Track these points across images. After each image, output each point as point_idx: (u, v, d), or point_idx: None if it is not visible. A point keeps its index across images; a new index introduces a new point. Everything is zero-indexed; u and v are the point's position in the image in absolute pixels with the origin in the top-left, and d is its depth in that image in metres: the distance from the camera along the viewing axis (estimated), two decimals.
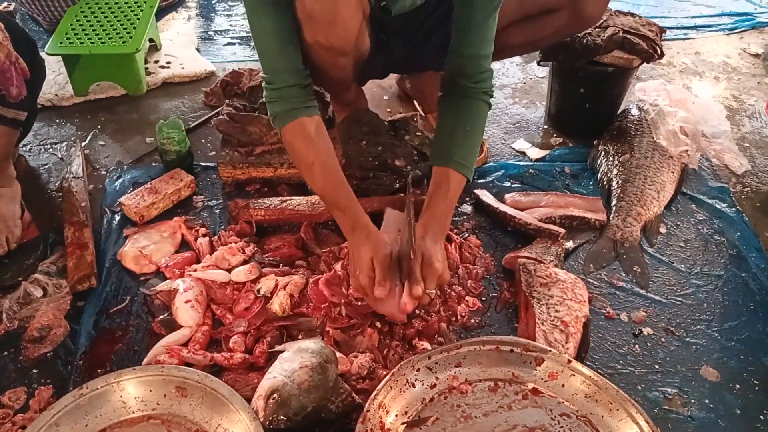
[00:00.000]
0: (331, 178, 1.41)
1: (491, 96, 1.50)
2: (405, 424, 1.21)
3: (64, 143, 1.99)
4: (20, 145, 1.92)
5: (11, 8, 2.60)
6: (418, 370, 1.28)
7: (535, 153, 2.00)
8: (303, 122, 1.41)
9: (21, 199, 1.66)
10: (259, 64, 1.47)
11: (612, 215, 1.73)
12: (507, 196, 1.79)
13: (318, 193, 1.50)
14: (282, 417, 1.15)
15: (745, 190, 1.89)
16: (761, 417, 1.32)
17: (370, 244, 1.35)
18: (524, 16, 1.65)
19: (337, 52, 1.42)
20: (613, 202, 1.76)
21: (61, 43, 2.09)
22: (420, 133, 1.79)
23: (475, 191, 1.79)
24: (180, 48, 2.46)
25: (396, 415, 1.22)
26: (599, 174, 1.88)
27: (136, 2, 2.30)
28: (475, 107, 1.49)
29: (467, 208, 1.78)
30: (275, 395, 1.16)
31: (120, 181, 1.84)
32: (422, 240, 1.36)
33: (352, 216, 1.40)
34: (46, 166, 1.91)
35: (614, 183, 1.81)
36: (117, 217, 1.71)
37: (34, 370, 1.36)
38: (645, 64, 1.90)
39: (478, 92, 1.48)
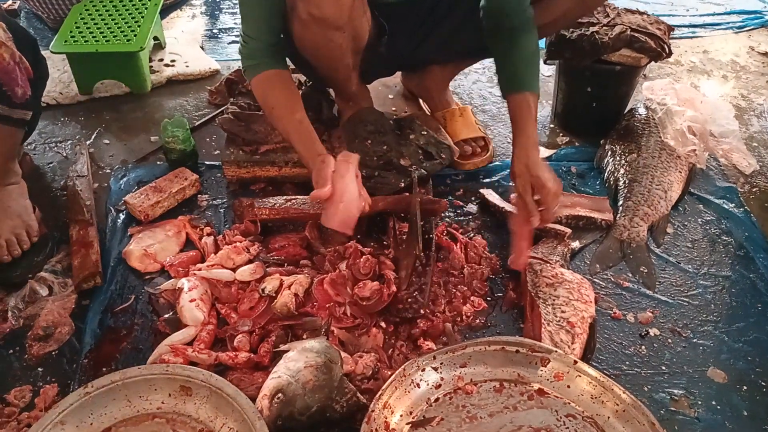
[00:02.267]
0: (290, 116, 1.53)
1: (536, 34, 1.56)
2: (410, 425, 1.21)
3: (69, 142, 2.00)
4: (25, 144, 1.93)
5: (15, 6, 2.61)
6: (423, 370, 1.27)
7: (541, 152, 1.97)
8: (271, 73, 1.55)
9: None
10: (240, 22, 1.57)
11: (619, 215, 1.72)
12: (512, 195, 1.78)
13: (281, 133, 1.60)
14: (286, 416, 1.15)
15: (754, 190, 1.88)
16: None
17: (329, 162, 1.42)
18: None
19: (330, 24, 1.42)
20: (620, 202, 1.76)
21: (65, 41, 2.09)
22: (425, 132, 1.79)
23: (481, 191, 1.78)
24: (184, 46, 2.46)
25: (401, 416, 1.22)
26: (606, 173, 1.87)
27: (140, 0, 2.30)
28: (526, 39, 1.54)
29: (472, 207, 1.77)
30: (280, 395, 1.16)
31: (125, 179, 1.84)
32: (527, 165, 1.46)
33: (312, 146, 1.49)
34: (51, 165, 1.91)
35: (621, 182, 1.80)
36: (122, 216, 1.71)
37: (40, 369, 1.36)
38: (653, 62, 1.89)
39: (524, 26, 1.53)
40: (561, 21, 1.74)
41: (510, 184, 1.85)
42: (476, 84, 2.31)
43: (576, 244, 1.65)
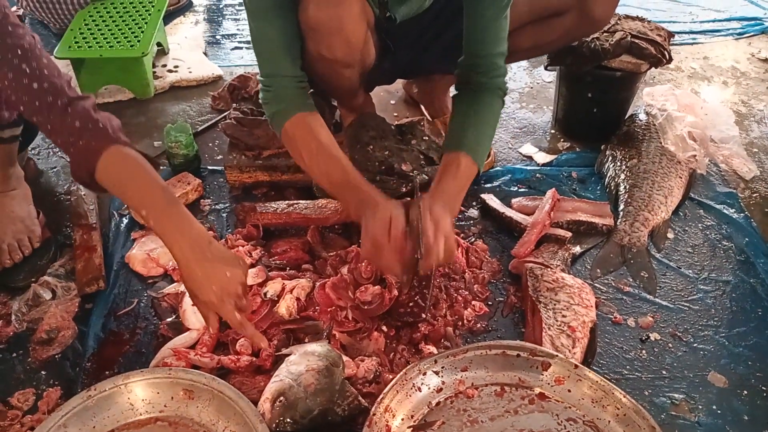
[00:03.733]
0: (336, 159, 1.39)
1: (505, 93, 1.50)
2: (411, 428, 1.21)
3: None
4: (29, 149, 1.93)
5: (20, 13, 2.62)
6: (425, 374, 1.28)
7: (542, 157, 2.00)
8: (304, 116, 1.42)
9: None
10: (257, 66, 1.48)
11: (619, 220, 1.73)
12: (514, 200, 1.79)
13: (323, 178, 1.44)
14: (288, 420, 1.15)
15: (754, 195, 1.89)
16: None
17: (384, 209, 1.29)
18: (533, 19, 1.66)
19: (341, 64, 1.42)
20: (621, 207, 1.76)
21: (69, 46, 2.10)
22: (427, 138, 1.80)
23: (482, 196, 1.79)
24: (187, 52, 2.47)
25: (402, 419, 1.22)
26: (606, 179, 1.88)
27: (144, 6, 2.32)
28: (488, 100, 1.48)
29: (474, 212, 1.78)
30: (282, 398, 1.16)
31: None
32: (430, 209, 1.29)
33: (362, 191, 1.35)
34: (55, 169, 1.92)
35: (622, 188, 1.80)
36: (125, 220, 1.72)
37: (43, 372, 1.37)
38: (653, 68, 1.90)
39: (491, 87, 1.47)
40: (560, 41, 1.75)
41: (511, 188, 1.86)
42: None
43: (577, 249, 1.66)
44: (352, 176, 1.38)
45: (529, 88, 2.35)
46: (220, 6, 2.88)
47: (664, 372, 1.39)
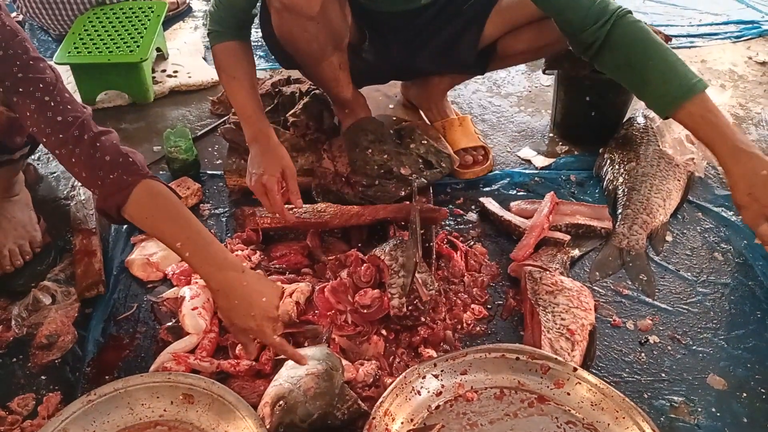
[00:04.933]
0: (246, 91, 1.56)
1: (629, 11, 1.40)
2: None
3: None
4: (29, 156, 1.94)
5: (20, 19, 2.63)
6: (424, 377, 1.28)
7: (540, 161, 2.00)
8: (235, 44, 1.58)
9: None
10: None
11: (618, 223, 1.73)
12: (512, 204, 1.79)
13: (234, 105, 1.62)
14: (288, 423, 1.15)
15: None
16: None
17: (278, 154, 1.51)
18: (527, 22, 1.66)
19: (301, 13, 1.44)
20: (619, 210, 1.76)
21: (69, 52, 2.11)
22: (425, 141, 1.80)
23: (481, 199, 1.80)
24: (187, 57, 2.48)
25: (402, 423, 1.22)
26: (605, 182, 1.88)
27: (143, 12, 2.33)
28: (632, 32, 1.39)
29: (472, 216, 1.78)
30: (281, 402, 1.16)
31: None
32: (744, 172, 1.27)
33: (261, 127, 1.54)
34: (55, 175, 1.92)
35: (620, 191, 1.81)
36: (125, 226, 1.72)
37: (43, 377, 1.37)
38: None
39: (617, 25, 1.39)
40: (556, 44, 1.71)
41: (510, 192, 1.86)
42: (476, 94, 2.33)
43: (575, 252, 1.66)
44: (255, 111, 1.56)
45: (527, 91, 2.36)
46: None
47: (663, 375, 1.40)
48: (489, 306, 1.54)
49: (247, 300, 1.20)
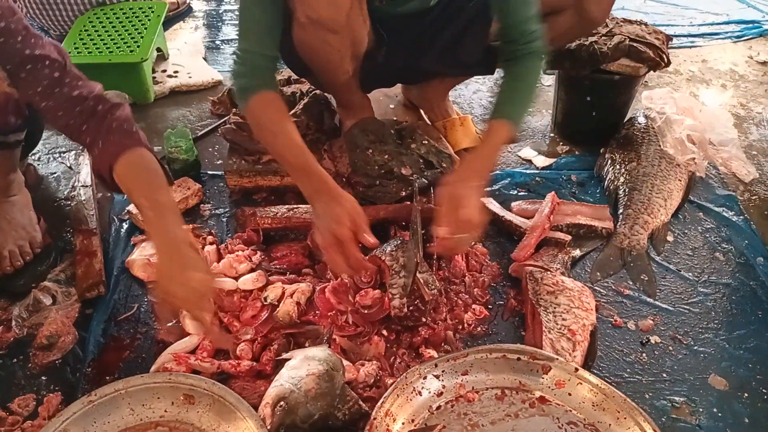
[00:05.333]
0: (297, 144, 1.45)
1: (542, 54, 1.52)
2: None
3: (73, 152, 2.01)
4: (30, 154, 1.94)
5: None
6: (425, 378, 1.28)
7: (541, 161, 2.00)
8: (271, 95, 1.49)
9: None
10: (237, 40, 1.54)
11: (619, 223, 1.73)
12: (513, 204, 1.79)
13: (282, 159, 1.52)
14: (289, 424, 1.15)
15: (753, 198, 1.89)
16: None
17: (345, 202, 1.37)
18: None
19: (327, 27, 1.44)
20: (620, 210, 1.76)
21: (69, 52, 2.09)
22: (426, 142, 1.80)
23: (481, 199, 1.79)
24: (187, 57, 2.48)
25: (403, 423, 1.22)
26: (606, 182, 1.88)
27: (143, 12, 2.33)
28: (524, 65, 1.52)
29: None
30: (282, 403, 1.16)
31: None
32: (450, 184, 1.38)
33: (320, 178, 1.42)
34: (55, 175, 1.92)
35: (621, 191, 1.81)
36: (125, 225, 1.72)
37: (43, 378, 1.37)
38: (651, 72, 1.91)
39: (526, 52, 1.50)
40: (557, 41, 1.74)
41: (511, 192, 1.86)
42: (477, 94, 2.33)
43: (577, 252, 1.66)
44: (310, 162, 1.44)
45: None
46: (220, 11, 2.89)
47: (664, 375, 1.40)
48: (490, 306, 1.54)
49: (184, 268, 1.22)
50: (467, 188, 1.38)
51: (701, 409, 1.33)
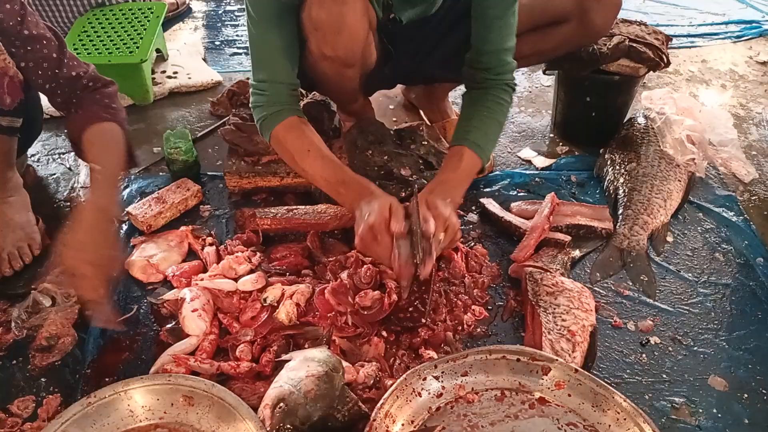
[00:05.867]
0: (330, 159, 1.45)
1: (513, 88, 1.52)
2: None
3: (72, 153, 2.00)
4: (29, 156, 1.94)
5: None
6: (425, 379, 1.28)
7: (541, 161, 2.00)
8: (295, 120, 1.47)
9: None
10: (252, 70, 1.51)
11: (618, 224, 1.73)
12: (513, 204, 1.79)
13: (317, 178, 1.49)
14: (288, 426, 1.15)
15: (753, 198, 1.89)
16: None
17: (384, 196, 1.35)
18: (533, 27, 1.66)
19: (343, 63, 1.43)
20: (620, 211, 1.76)
21: None
22: (426, 143, 1.80)
23: (481, 200, 1.79)
24: (187, 58, 2.48)
25: (402, 425, 1.22)
26: (605, 182, 1.88)
27: (143, 13, 2.33)
28: (494, 96, 1.51)
29: (473, 217, 1.78)
30: (282, 404, 1.16)
31: (127, 190, 1.85)
32: (426, 199, 1.35)
33: (360, 184, 1.41)
34: (55, 176, 1.92)
35: (621, 191, 1.81)
36: (124, 227, 1.72)
37: (43, 379, 1.36)
38: (651, 72, 1.91)
39: (498, 83, 1.50)
40: (559, 49, 1.76)
41: (510, 192, 1.86)
42: None
43: (576, 253, 1.66)
44: (347, 172, 1.43)
45: (528, 92, 2.36)
46: (219, 12, 2.89)
47: (664, 376, 1.39)
48: (489, 307, 1.54)
49: (93, 245, 1.28)
50: (442, 200, 1.36)
51: (701, 410, 1.33)
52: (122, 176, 1.51)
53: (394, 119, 2.16)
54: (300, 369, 1.22)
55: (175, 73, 2.38)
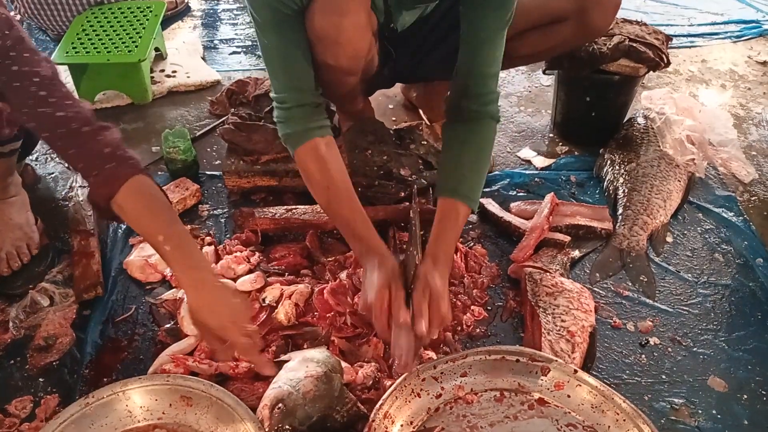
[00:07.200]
0: (346, 202, 1.38)
1: (498, 120, 1.46)
2: None
3: None
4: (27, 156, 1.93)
5: (18, 18, 2.62)
6: (424, 379, 1.27)
7: (540, 161, 1.99)
8: (316, 143, 1.38)
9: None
10: (270, 83, 1.45)
11: (618, 224, 1.72)
12: (512, 204, 1.79)
13: (331, 216, 1.47)
14: (287, 426, 1.15)
15: (752, 198, 1.89)
16: None
17: (386, 270, 1.29)
18: (531, 27, 1.66)
19: (345, 72, 1.42)
20: (620, 211, 1.76)
21: (67, 52, 2.10)
22: (425, 142, 1.80)
23: (481, 200, 1.78)
24: (185, 57, 2.47)
25: (401, 425, 1.22)
26: (605, 183, 1.87)
27: (141, 11, 2.32)
28: (481, 134, 1.45)
29: (473, 217, 1.77)
30: (280, 405, 1.16)
31: None
32: (431, 276, 1.27)
33: (367, 242, 1.36)
34: (53, 175, 1.92)
35: (620, 192, 1.80)
36: (123, 226, 1.71)
37: (41, 379, 1.36)
38: (651, 72, 1.90)
39: (483, 116, 1.44)
40: (558, 48, 1.75)
41: (510, 193, 1.86)
42: None
43: (576, 253, 1.65)
44: (359, 222, 1.37)
45: (528, 92, 2.35)
46: (218, 11, 2.89)
47: (663, 376, 1.39)
48: (489, 307, 1.53)
49: (217, 298, 1.20)
50: (441, 280, 1.29)
51: (700, 411, 1.33)
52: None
53: (394, 119, 2.16)
54: (299, 369, 1.22)
55: (174, 72, 2.38)
